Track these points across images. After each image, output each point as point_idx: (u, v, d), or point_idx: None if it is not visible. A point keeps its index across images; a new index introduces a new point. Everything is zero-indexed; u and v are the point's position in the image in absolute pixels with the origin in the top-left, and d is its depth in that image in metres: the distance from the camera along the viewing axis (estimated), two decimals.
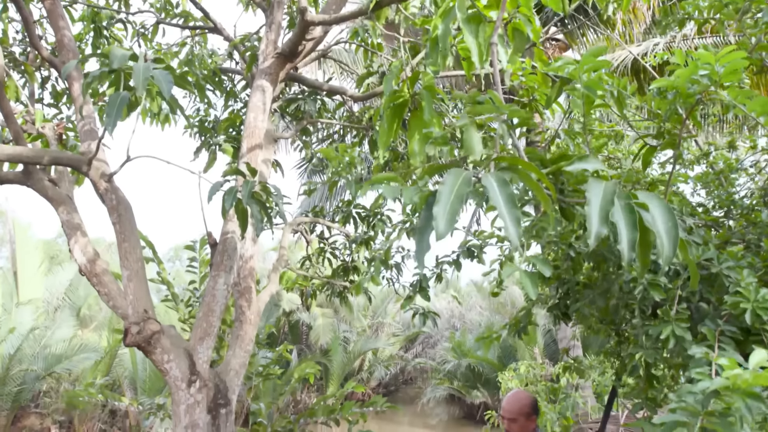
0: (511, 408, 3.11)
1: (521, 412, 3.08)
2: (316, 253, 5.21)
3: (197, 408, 2.59)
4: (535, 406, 3.16)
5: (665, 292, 1.59)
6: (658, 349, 1.60)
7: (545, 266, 1.09)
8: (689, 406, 1.01)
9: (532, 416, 3.11)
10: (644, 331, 1.60)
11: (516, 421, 3.08)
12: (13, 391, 13.84)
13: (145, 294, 2.54)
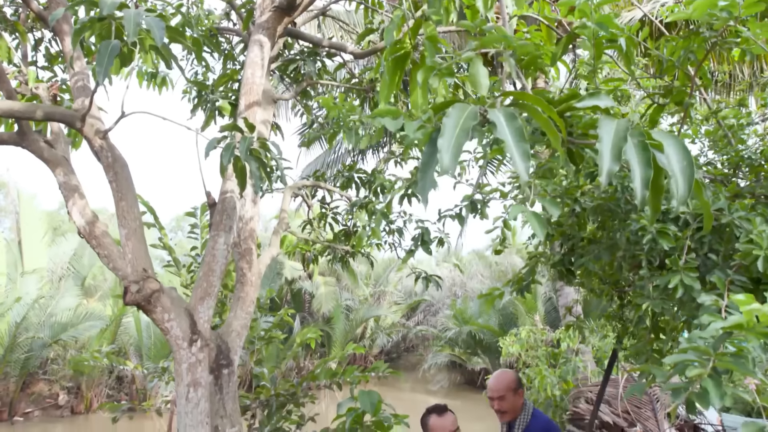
0: (498, 386, 3.15)
1: (508, 388, 3.12)
2: (317, 217, 5.17)
3: (199, 367, 2.59)
4: (519, 381, 3.22)
5: (674, 241, 1.55)
6: (665, 299, 1.57)
7: (554, 206, 1.05)
8: (700, 347, 0.97)
9: (519, 390, 3.17)
10: (651, 282, 1.57)
11: (504, 399, 3.12)
12: (21, 358, 14.05)
13: (144, 253, 2.51)
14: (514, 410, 3.11)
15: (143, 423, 13.10)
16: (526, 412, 3.13)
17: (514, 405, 3.10)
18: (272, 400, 5.38)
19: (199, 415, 2.59)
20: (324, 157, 12.35)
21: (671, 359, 1.01)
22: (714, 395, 0.92)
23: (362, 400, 3.02)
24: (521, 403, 3.14)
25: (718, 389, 0.92)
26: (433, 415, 2.74)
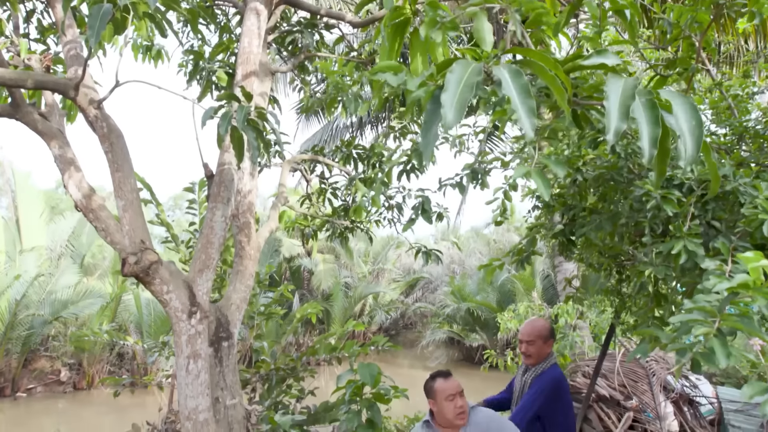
0: (529, 331, 3.23)
1: (539, 335, 3.19)
2: (316, 192, 5.14)
3: (198, 339, 2.59)
4: (551, 331, 3.29)
5: (678, 206, 1.53)
6: (668, 266, 1.56)
7: (559, 166, 1.03)
8: (706, 307, 0.96)
9: (549, 340, 3.24)
10: (654, 249, 1.56)
11: (533, 344, 3.20)
12: (22, 335, 14.14)
13: (142, 224, 2.49)
14: (539, 356, 3.19)
15: (145, 398, 13.26)
16: (548, 361, 3.20)
17: (540, 352, 3.19)
18: (272, 374, 5.43)
19: (199, 386, 2.60)
20: (322, 133, 12.25)
21: (677, 319, 1.00)
22: (720, 354, 0.91)
23: (362, 372, 3.04)
24: (548, 352, 3.22)
25: (724, 348, 0.91)
26: (438, 379, 2.75)
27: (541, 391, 3.04)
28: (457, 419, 2.64)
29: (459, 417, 2.64)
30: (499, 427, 2.64)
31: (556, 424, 3.09)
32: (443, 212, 5.25)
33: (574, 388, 6.48)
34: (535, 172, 1.03)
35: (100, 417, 12.87)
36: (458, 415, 2.64)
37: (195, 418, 2.60)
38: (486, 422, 2.65)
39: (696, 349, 0.95)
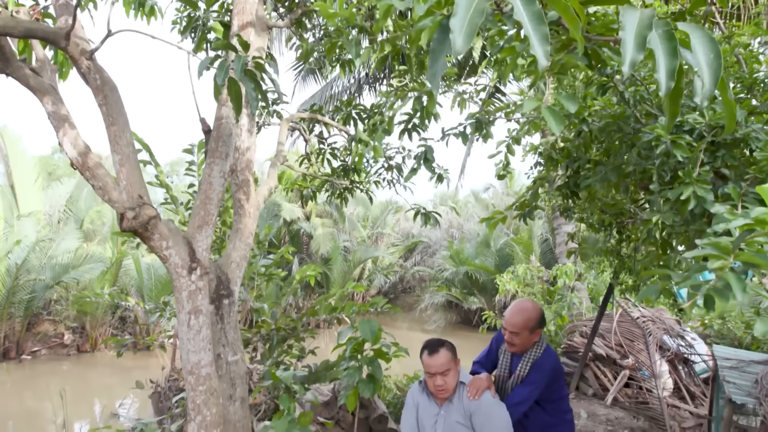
0: (514, 321, 2.90)
1: (525, 327, 2.88)
2: (315, 152, 5.08)
3: (199, 294, 2.59)
4: (541, 319, 2.93)
5: (689, 151, 1.49)
6: (676, 212, 1.52)
7: (571, 102, 0.99)
8: (720, 243, 0.94)
9: (536, 330, 2.91)
10: (662, 196, 1.53)
11: (518, 335, 2.90)
12: (25, 299, 14.25)
13: (139, 179, 2.45)
14: (524, 347, 2.94)
15: (148, 360, 13.47)
16: (539, 347, 2.96)
17: (525, 343, 2.92)
18: (273, 335, 5.48)
19: (201, 341, 2.61)
20: (320, 95, 12.08)
21: (691, 254, 0.98)
22: (736, 288, 0.89)
23: (362, 328, 3.05)
24: (536, 341, 2.96)
25: (740, 282, 0.89)
26: (425, 352, 2.67)
27: (539, 385, 2.91)
28: (437, 393, 2.63)
29: (438, 393, 2.62)
30: (488, 413, 2.58)
31: (551, 400, 3.07)
32: (444, 174, 5.21)
33: (572, 347, 6.58)
34: (546, 108, 0.99)
35: (105, 378, 13.09)
36: (438, 391, 2.62)
37: (198, 372, 2.62)
38: (477, 404, 2.59)
39: (710, 284, 0.93)
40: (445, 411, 2.62)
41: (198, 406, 2.64)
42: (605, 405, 5.65)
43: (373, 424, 3.90)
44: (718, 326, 8.39)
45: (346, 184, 5.18)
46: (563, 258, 8.76)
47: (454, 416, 2.59)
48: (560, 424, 3.04)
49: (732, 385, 3.76)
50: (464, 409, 2.58)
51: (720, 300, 0.92)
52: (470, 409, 2.57)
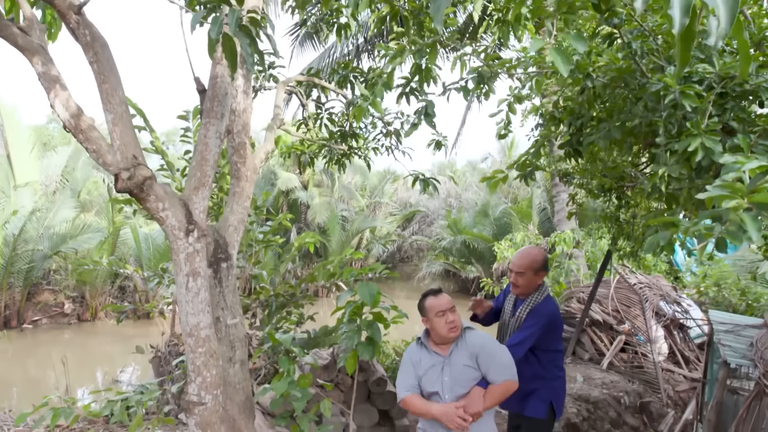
0: (521, 262, 3.08)
1: (530, 267, 3.05)
2: (312, 117, 5.01)
3: (197, 257, 2.57)
4: (545, 263, 3.12)
5: (698, 100, 1.45)
6: (683, 166, 1.49)
7: (580, 42, 0.94)
8: (735, 185, 0.91)
9: (540, 272, 3.09)
10: (669, 149, 1.49)
11: (523, 275, 3.06)
12: (24, 269, 14.28)
13: (133, 139, 2.40)
14: (528, 288, 3.09)
15: (148, 328, 13.58)
16: (541, 292, 3.10)
17: (529, 284, 3.08)
18: (272, 301, 5.50)
19: (199, 303, 2.60)
20: (318, 61, 11.88)
21: (704, 195, 0.95)
22: (752, 228, 0.86)
23: (361, 291, 3.05)
24: (538, 284, 3.11)
25: (755, 222, 0.86)
26: (429, 296, 2.76)
27: (538, 328, 3.00)
28: (449, 333, 2.67)
29: (451, 330, 2.67)
30: (492, 351, 2.64)
31: (547, 350, 3.13)
32: (442, 140, 5.15)
33: (569, 313, 6.62)
34: (553, 49, 0.94)
35: (106, 346, 13.23)
36: (450, 330, 2.67)
37: (197, 334, 2.62)
38: (480, 344, 2.65)
39: (724, 226, 0.90)
40: (449, 358, 2.66)
41: (198, 367, 2.65)
42: (601, 369, 5.72)
43: (372, 387, 3.94)
44: (714, 293, 8.46)
45: (344, 149, 5.13)
46: (562, 226, 8.76)
47: (461, 360, 2.64)
48: (553, 380, 3.09)
49: (727, 348, 3.80)
50: (469, 352, 2.64)
51: (733, 241, 0.90)
52: (475, 351, 2.63)
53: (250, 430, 3.00)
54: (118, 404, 3.17)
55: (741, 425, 3.16)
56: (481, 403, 2.59)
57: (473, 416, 2.58)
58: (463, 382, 2.64)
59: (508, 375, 2.64)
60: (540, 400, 3.07)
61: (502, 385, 2.62)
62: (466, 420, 2.58)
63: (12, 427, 4.04)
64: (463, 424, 2.57)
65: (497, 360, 2.63)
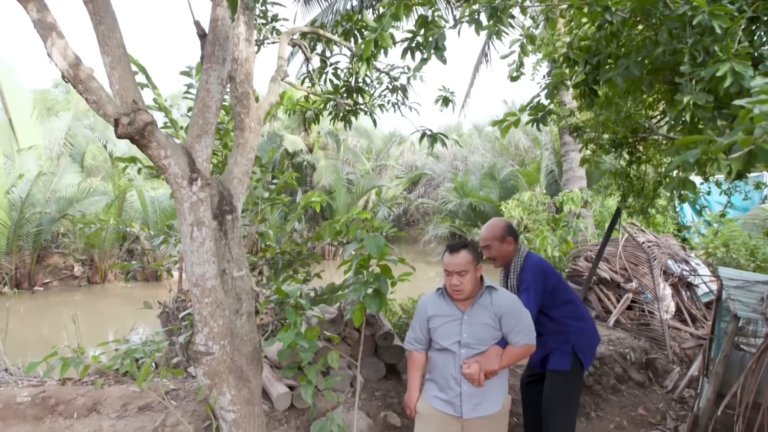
0: (484, 235, 3.21)
1: (494, 237, 3.16)
2: (317, 71, 4.89)
3: (201, 206, 2.52)
4: (509, 229, 3.20)
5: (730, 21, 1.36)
6: (709, 92, 1.41)
7: None
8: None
9: (506, 239, 3.17)
10: (694, 77, 1.40)
11: (491, 247, 3.18)
12: (32, 232, 14.38)
13: (132, 83, 2.32)
14: (503, 257, 3.19)
15: (157, 291, 13.73)
16: (519, 256, 3.17)
17: (501, 252, 3.18)
18: (278, 259, 5.49)
19: (205, 253, 2.57)
20: (321, 17, 11.60)
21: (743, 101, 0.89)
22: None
23: (368, 242, 3.01)
24: (511, 250, 3.18)
25: None
26: (446, 252, 2.71)
27: (532, 285, 3.05)
28: (452, 294, 2.65)
29: (453, 293, 2.64)
30: (518, 314, 2.63)
31: (556, 306, 3.11)
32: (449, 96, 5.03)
33: (576, 271, 6.61)
34: None
35: (116, 308, 13.41)
36: (453, 291, 2.64)
37: (203, 284, 2.60)
38: (508, 305, 2.63)
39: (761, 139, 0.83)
40: (468, 315, 2.64)
41: (204, 318, 2.65)
42: (607, 326, 5.73)
43: (379, 341, 3.95)
44: (722, 254, 8.41)
45: (350, 104, 5.02)
46: (570, 186, 8.66)
47: (481, 318, 2.62)
48: (572, 332, 3.08)
49: (738, 302, 3.76)
50: (494, 312, 2.62)
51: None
52: (501, 311, 2.62)
53: (258, 380, 3.02)
54: (126, 356, 3.19)
55: (750, 377, 3.15)
56: (497, 362, 2.59)
57: (488, 374, 2.59)
58: (481, 340, 2.63)
59: (528, 338, 2.65)
60: (562, 353, 3.10)
61: (522, 347, 2.64)
62: (482, 378, 2.57)
63: (24, 378, 4.10)
64: (478, 380, 2.57)
65: (522, 322, 2.63)
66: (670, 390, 4.91)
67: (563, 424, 3.08)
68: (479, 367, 2.56)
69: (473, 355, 2.61)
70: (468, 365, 2.58)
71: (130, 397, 3.55)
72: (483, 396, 2.64)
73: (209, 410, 3.10)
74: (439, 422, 2.68)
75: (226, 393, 2.80)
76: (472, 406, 2.62)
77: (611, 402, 4.60)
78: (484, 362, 2.58)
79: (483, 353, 2.61)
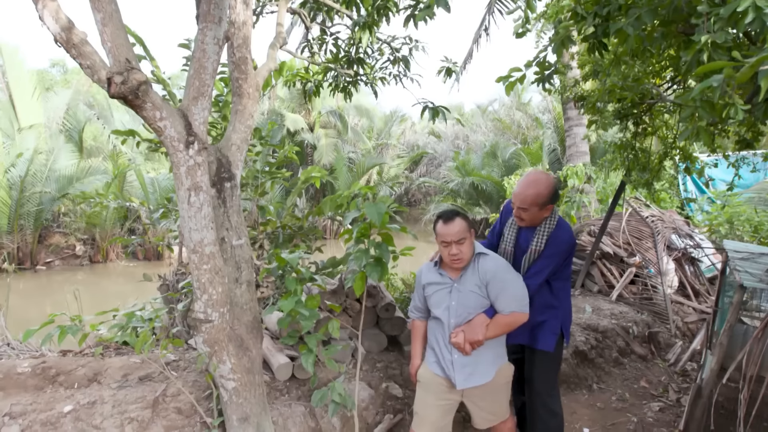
0: (524, 196, 2.74)
1: (535, 203, 2.72)
2: (317, 40, 4.79)
3: (198, 170, 2.47)
4: (553, 195, 2.75)
5: None
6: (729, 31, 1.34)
7: None
8: None
9: (547, 206, 2.75)
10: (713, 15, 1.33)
11: (527, 211, 2.75)
12: (33, 211, 14.38)
13: (125, 41, 2.25)
14: (533, 222, 2.83)
15: (160, 270, 13.75)
16: (551, 220, 2.81)
17: (534, 219, 2.80)
18: (279, 233, 5.45)
19: (203, 219, 2.52)
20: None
21: None
22: None
23: (369, 210, 2.96)
24: (546, 216, 2.80)
25: None
26: (440, 221, 2.64)
27: (558, 257, 2.80)
28: (451, 264, 2.59)
29: (453, 262, 2.58)
30: (503, 280, 2.55)
31: (560, 279, 3.01)
32: (452, 67, 4.93)
33: (579, 246, 6.56)
34: None
35: (118, 286, 13.45)
36: (452, 261, 2.58)
37: (201, 251, 2.56)
38: (493, 271, 2.56)
39: None
40: (458, 282, 2.60)
41: (203, 284, 2.61)
42: (610, 301, 5.70)
43: (381, 312, 3.92)
44: (725, 230, 8.36)
45: (351, 74, 4.93)
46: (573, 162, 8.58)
47: (469, 286, 2.58)
48: (562, 309, 2.97)
49: (743, 272, 3.71)
50: (480, 279, 2.56)
51: None
52: (486, 278, 2.55)
53: (258, 349, 2.99)
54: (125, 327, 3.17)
55: (756, 344, 3.11)
56: (481, 331, 2.52)
57: (472, 344, 2.52)
58: (469, 308, 2.58)
59: (516, 306, 2.55)
60: (550, 332, 2.95)
61: (509, 315, 2.55)
62: (465, 348, 2.52)
63: (25, 350, 4.10)
64: (465, 349, 2.52)
65: (508, 289, 2.55)
66: (673, 363, 4.90)
67: (552, 402, 2.98)
68: (464, 337, 2.52)
69: (463, 322, 2.57)
70: (456, 334, 2.55)
71: (131, 367, 3.54)
72: (474, 366, 2.60)
73: (210, 380, 3.08)
74: (439, 388, 2.67)
75: (227, 361, 2.78)
76: (465, 377, 2.59)
77: (613, 375, 4.59)
78: (469, 332, 2.53)
79: (468, 322, 2.56)
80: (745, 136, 3.62)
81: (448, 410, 2.70)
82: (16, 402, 3.12)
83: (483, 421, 2.76)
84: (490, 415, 2.73)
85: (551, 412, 2.96)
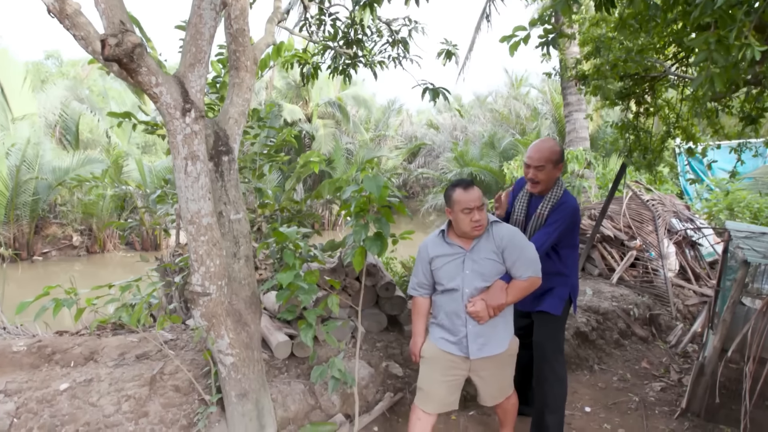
0: (539, 155, 2.91)
1: (549, 159, 2.89)
2: (316, 20, 4.72)
3: (195, 139, 2.42)
4: (562, 154, 3.00)
5: None
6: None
7: None
8: None
9: (559, 164, 2.96)
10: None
11: (543, 169, 2.90)
12: (29, 201, 14.29)
13: (119, 2, 2.19)
14: (548, 183, 2.96)
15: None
16: (559, 186, 2.99)
17: (549, 178, 2.94)
18: (277, 215, 5.40)
19: (200, 189, 2.47)
20: None
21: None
22: None
23: (367, 183, 2.89)
24: (557, 177, 2.99)
25: None
26: (458, 188, 2.59)
27: (563, 222, 2.90)
28: (473, 231, 2.55)
29: (475, 229, 2.55)
30: (520, 245, 2.55)
31: (567, 247, 3.02)
32: (452, 50, 4.87)
33: (580, 230, 6.53)
34: None
35: (116, 276, 13.37)
36: (474, 228, 2.55)
37: (198, 222, 2.51)
38: (509, 237, 2.56)
39: None
40: (471, 251, 2.56)
41: (201, 257, 2.56)
42: (611, 283, 5.68)
43: (381, 291, 3.88)
44: (725, 217, 8.34)
45: (350, 54, 4.86)
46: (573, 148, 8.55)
47: (484, 253, 2.55)
48: (571, 276, 3.01)
49: (747, 249, 3.68)
50: (496, 245, 2.55)
51: None
52: (503, 244, 2.54)
53: (257, 325, 2.95)
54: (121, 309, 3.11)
55: (760, 319, 3.09)
56: (503, 296, 2.52)
57: (495, 309, 2.52)
58: (485, 276, 2.55)
59: (532, 271, 2.56)
60: (558, 297, 2.99)
61: (527, 280, 2.56)
62: (489, 315, 2.50)
63: (21, 332, 4.05)
64: (484, 317, 2.50)
65: (525, 254, 2.55)
66: (674, 345, 4.88)
67: (559, 367, 2.99)
68: (485, 304, 2.49)
69: (479, 291, 2.54)
70: (473, 303, 2.51)
71: (128, 346, 3.50)
72: (489, 336, 2.58)
73: (208, 356, 3.04)
74: (445, 364, 2.63)
75: (225, 336, 2.74)
76: (479, 347, 2.56)
77: (614, 356, 4.57)
78: (490, 298, 2.50)
79: (488, 289, 2.53)
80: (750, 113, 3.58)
81: (455, 386, 2.66)
82: (11, 380, 3.08)
83: (490, 398, 2.73)
84: (496, 391, 2.71)
85: (559, 379, 2.97)
